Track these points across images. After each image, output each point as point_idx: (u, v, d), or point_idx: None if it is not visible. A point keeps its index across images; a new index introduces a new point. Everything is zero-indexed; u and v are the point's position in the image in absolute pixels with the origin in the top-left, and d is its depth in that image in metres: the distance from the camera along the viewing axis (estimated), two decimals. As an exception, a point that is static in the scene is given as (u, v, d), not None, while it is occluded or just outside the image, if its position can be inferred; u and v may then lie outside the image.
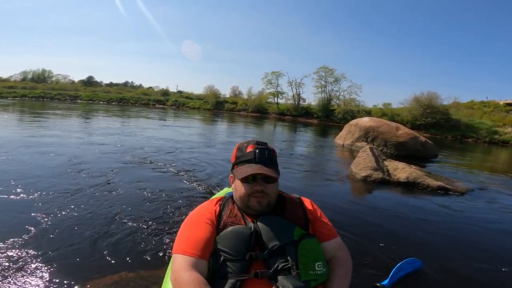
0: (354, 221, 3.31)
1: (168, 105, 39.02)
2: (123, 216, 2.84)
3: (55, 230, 2.46)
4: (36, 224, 2.54)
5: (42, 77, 51.54)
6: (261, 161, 1.17)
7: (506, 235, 3.42)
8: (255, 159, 1.17)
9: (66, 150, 5.75)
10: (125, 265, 2.07)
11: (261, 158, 1.17)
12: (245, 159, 1.19)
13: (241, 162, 1.20)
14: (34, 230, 2.44)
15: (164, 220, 2.85)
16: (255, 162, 1.17)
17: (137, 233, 2.53)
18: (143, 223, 2.74)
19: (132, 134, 9.29)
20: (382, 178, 5.18)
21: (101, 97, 39.83)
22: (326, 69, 34.26)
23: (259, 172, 1.13)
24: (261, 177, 1.16)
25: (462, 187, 5.08)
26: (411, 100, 26.30)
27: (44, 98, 36.63)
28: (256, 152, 1.18)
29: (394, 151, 8.95)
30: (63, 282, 1.84)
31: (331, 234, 1.25)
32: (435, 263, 2.44)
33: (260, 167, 1.14)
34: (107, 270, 2.00)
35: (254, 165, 1.16)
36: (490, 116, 25.03)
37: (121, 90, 48.81)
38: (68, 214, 2.80)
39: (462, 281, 2.30)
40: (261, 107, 35.19)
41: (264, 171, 1.13)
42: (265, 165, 1.16)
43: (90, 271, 1.97)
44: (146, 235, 2.52)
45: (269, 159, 1.19)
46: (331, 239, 1.23)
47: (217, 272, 1.07)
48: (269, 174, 1.14)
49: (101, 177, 4.03)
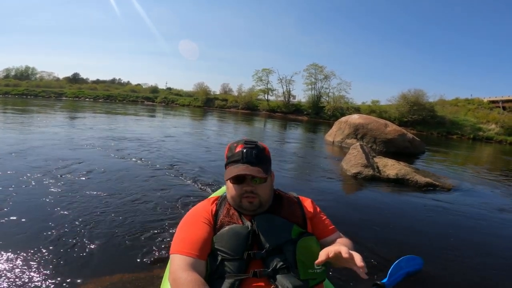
0: (347, 218, 3.35)
1: (157, 102, 38.50)
2: (119, 217, 2.80)
3: (51, 232, 2.41)
4: (31, 226, 2.49)
5: (25, 74, 50.13)
6: (248, 161, 1.14)
7: (493, 230, 3.53)
8: (242, 159, 1.15)
9: (61, 152, 5.60)
10: (122, 266, 2.05)
11: (248, 158, 1.15)
12: (233, 159, 1.17)
13: (231, 162, 1.18)
14: (31, 231, 2.40)
15: (160, 221, 2.81)
16: (242, 162, 1.15)
17: (135, 234, 2.50)
18: (139, 223, 2.70)
19: (122, 132, 9.12)
20: (372, 175, 5.26)
21: (87, 94, 38.99)
22: (316, 66, 34.51)
23: (244, 172, 1.11)
24: (250, 177, 1.14)
25: (449, 183, 5.22)
26: (399, 97, 26.77)
27: (27, 95, 35.69)
28: (243, 152, 1.16)
29: (383, 147, 9.09)
30: (60, 283, 1.81)
31: (331, 230, 1.25)
32: (432, 260, 2.49)
33: (245, 167, 1.12)
34: (104, 271, 1.97)
35: (240, 165, 1.14)
36: (474, 113, 25.73)
37: (108, 87, 47.82)
38: (65, 215, 2.74)
39: (459, 278, 2.35)
40: (252, 104, 35.14)
41: (250, 171, 1.11)
42: (253, 164, 1.14)
43: (87, 272, 1.94)
44: (143, 235, 2.49)
45: (257, 159, 1.16)
46: (331, 234, 1.23)
47: (215, 271, 1.06)
48: (254, 174, 1.11)
49: (94, 178, 3.95)
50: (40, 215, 2.71)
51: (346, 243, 1.17)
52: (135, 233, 2.51)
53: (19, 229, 2.43)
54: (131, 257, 2.16)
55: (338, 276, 2.07)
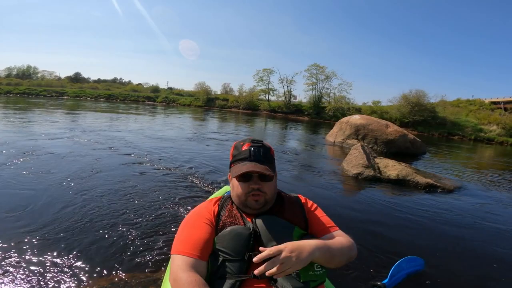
0: (348, 218, 3.35)
1: (158, 102, 38.53)
2: (120, 218, 2.80)
3: (51, 232, 2.41)
4: (30, 226, 2.49)
5: (27, 74, 50.28)
6: (256, 159, 1.16)
7: (494, 231, 3.52)
8: (250, 157, 1.17)
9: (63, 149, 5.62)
10: (123, 266, 2.05)
11: (256, 156, 1.17)
12: (240, 157, 1.19)
13: (237, 160, 1.20)
14: (29, 231, 2.40)
15: (162, 221, 2.81)
16: (250, 160, 1.16)
17: (136, 234, 2.50)
18: (141, 223, 2.71)
19: (124, 131, 9.13)
20: (373, 175, 5.26)
21: (88, 93, 39.05)
22: (317, 66, 34.48)
23: (253, 170, 1.13)
24: (256, 175, 1.15)
25: (450, 185, 5.21)
26: (400, 98, 26.69)
27: (29, 94, 35.81)
28: (251, 150, 1.18)
29: (384, 148, 9.08)
30: (60, 283, 1.81)
31: (331, 228, 1.23)
32: (434, 262, 2.49)
33: (254, 165, 1.14)
34: (105, 272, 1.97)
35: (248, 163, 1.15)
36: (475, 114, 25.63)
37: (109, 86, 47.97)
38: (64, 215, 2.74)
39: (459, 279, 2.34)
40: (252, 104, 35.14)
41: (258, 168, 1.13)
42: (260, 162, 1.16)
43: (87, 273, 1.95)
44: (144, 235, 2.49)
45: (264, 157, 1.18)
46: (329, 232, 1.21)
47: (216, 272, 1.07)
48: (263, 172, 1.13)
49: (95, 179, 3.96)
50: (39, 215, 2.71)
51: (341, 241, 1.15)
52: (136, 233, 2.51)
53: (19, 229, 2.42)
54: (131, 257, 2.16)
55: (339, 277, 2.07)
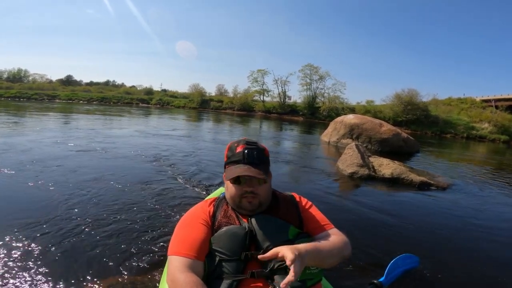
0: (343, 217, 3.36)
1: (152, 104, 38.31)
2: (116, 219, 2.77)
3: (49, 235, 2.39)
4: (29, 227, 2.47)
5: (18, 77, 49.47)
6: (249, 162, 1.15)
7: (488, 227, 3.57)
8: (243, 159, 1.16)
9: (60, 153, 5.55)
10: (120, 269, 2.03)
11: (250, 158, 1.16)
12: (234, 160, 1.18)
13: (231, 163, 1.19)
14: (27, 231, 2.38)
15: (158, 222, 2.80)
16: (243, 162, 1.15)
17: (131, 236, 2.48)
18: (137, 225, 2.69)
19: (119, 135, 9.05)
20: (368, 174, 5.30)
21: (81, 96, 38.59)
22: (311, 67, 34.59)
23: (246, 174, 1.11)
24: (250, 178, 1.15)
25: (444, 182, 5.28)
26: (393, 97, 26.97)
27: (20, 98, 35.25)
28: (245, 153, 1.16)
29: (378, 147, 9.16)
30: (59, 285, 1.80)
31: (326, 225, 1.23)
32: (428, 259, 2.50)
33: (247, 168, 1.13)
34: (102, 274, 1.95)
35: (242, 166, 1.14)
36: (467, 112, 26.02)
37: (102, 89, 47.45)
38: (62, 218, 2.71)
39: (453, 275, 2.36)
40: (247, 105, 35.10)
41: (252, 172, 1.12)
42: (254, 165, 1.15)
43: (85, 275, 1.92)
44: (141, 237, 2.47)
45: (258, 159, 1.17)
46: (324, 230, 1.20)
47: (213, 272, 1.07)
48: (256, 176, 1.12)
49: (91, 180, 3.91)
50: (38, 216, 2.68)
51: (334, 242, 1.13)
52: (132, 235, 2.49)
53: (18, 230, 2.40)
54: (128, 259, 2.14)
55: (336, 275, 2.07)
